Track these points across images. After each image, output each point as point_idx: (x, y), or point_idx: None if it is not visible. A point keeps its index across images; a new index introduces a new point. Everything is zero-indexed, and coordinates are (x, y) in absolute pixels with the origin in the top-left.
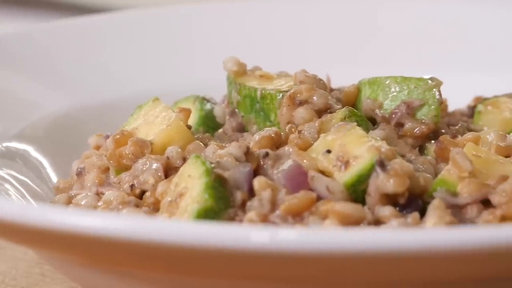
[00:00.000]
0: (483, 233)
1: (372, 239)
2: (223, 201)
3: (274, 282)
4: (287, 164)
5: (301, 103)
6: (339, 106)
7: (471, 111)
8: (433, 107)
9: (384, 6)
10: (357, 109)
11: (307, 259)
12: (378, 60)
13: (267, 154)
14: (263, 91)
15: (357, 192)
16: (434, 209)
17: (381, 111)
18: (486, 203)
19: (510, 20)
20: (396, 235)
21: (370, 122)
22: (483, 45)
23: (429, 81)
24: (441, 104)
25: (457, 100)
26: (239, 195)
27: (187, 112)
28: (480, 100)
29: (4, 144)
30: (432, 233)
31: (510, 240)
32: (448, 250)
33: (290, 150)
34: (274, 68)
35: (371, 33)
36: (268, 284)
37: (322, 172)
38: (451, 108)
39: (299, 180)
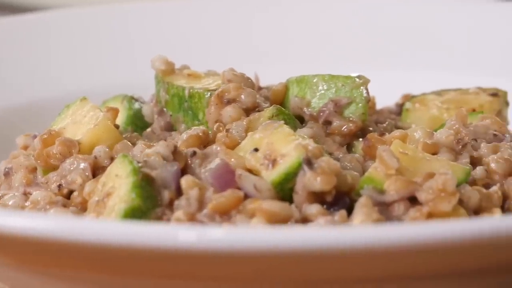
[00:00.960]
0: (409, 230)
1: (298, 238)
2: (151, 200)
3: (203, 281)
4: (214, 163)
5: (229, 102)
6: (267, 105)
7: (399, 109)
8: (360, 105)
9: (311, 4)
10: (285, 107)
11: (234, 258)
12: (306, 58)
13: (194, 153)
14: (191, 90)
15: (284, 190)
16: (361, 206)
17: (309, 109)
18: (413, 200)
19: (437, 17)
20: (323, 233)
21: (298, 120)
22: (411, 43)
23: (357, 79)
24: (369, 102)
25: (385, 97)
26: (166, 194)
27: (115, 111)
28: (408, 97)
29: None
30: (359, 231)
31: (436, 237)
32: (375, 248)
33: (218, 148)
34: (202, 67)
35: (299, 31)
36: (197, 283)
37: (250, 171)
38: (379, 105)
39: (226, 178)
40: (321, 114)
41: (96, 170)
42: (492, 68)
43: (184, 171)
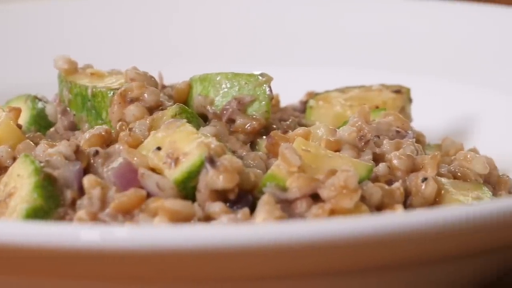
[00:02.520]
0: (312, 227)
1: (201, 236)
2: (53, 200)
3: (106, 280)
4: (117, 162)
5: (132, 101)
6: (170, 103)
7: (303, 106)
8: (263, 102)
9: (214, 2)
10: (189, 106)
11: (138, 257)
12: (210, 57)
13: (97, 152)
14: (94, 89)
15: (187, 189)
16: (264, 204)
17: (213, 108)
18: (315, 198)
19: (340, 14)
20: (225, 231)
21: (201, 118)
22: (314, 40)
23: (260, 77)
24: (272, 99)
25: (289, 95)
26: (69, 194)
27: (17, 111)
28: (311, 95)
29: None
30: (261, 228)
31: (338, 233)
32: (277, 245)
33: (121, 148)
34: (106, 66)
35: (203, 30)
36: (101, 283)
37: (153, 170)
38: (283, 103)
39: (129, 177)
40: (225, 112)
41: None
42: (396, 65)
43: (86, 170)
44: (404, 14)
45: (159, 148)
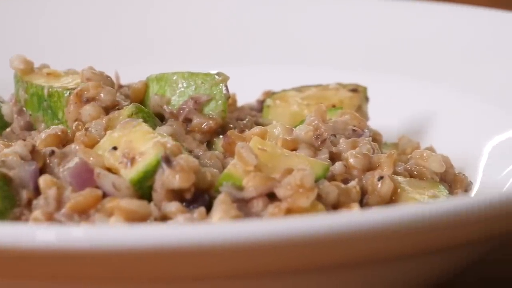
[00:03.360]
0: (268, 227)
1: (157, 235)
2: (9, 201)
3: (63, 281)
4: (73, 162)
5: (88, 100)
6: (127, 103)
7: (260, 105)
8: (220, 102)
9: (170, 1)
10: (145, 105)
11: (94, 257)
12: (167, 56)
13: (53, 152)
14: (50, 89)
15: (143, 188)
16: (220, 203)
17: (169, 107)
18: (271, 197)
19: (296, 13)
20: (181, 231)
21: (158, 118)
22: (271, 39)
23: (216, 76)
24: (229, 99)
25: (246, 94)
26: (24, 194)
27: None
28: (269, 94)
29: None
30: (217, 228)
31: (294, 232)
32: (233, 244)
33: (77, 147)
34: (62, 66)
35: (159, 29)
36: (56, 283)
37: (109, 169)
38: (240, 102)
39: (85, 177)
40: (181, 111)
41: None
42: (353, 63)
43: (42, 170)
44: (359, 13)
45: (115, 148)
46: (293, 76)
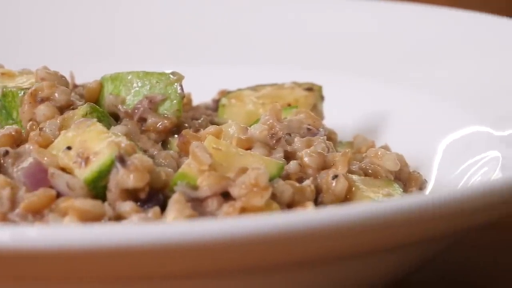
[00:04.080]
0: (222, 226)
1: (111, 235)
2: None
3: (17, 280)
4: (27, 162)
5: (43, 100)
6: (81, 103)
7: (216, 105)
8: (175, 101)
9: (126, 1)
10: (100, 105)
11: (48, 257)
12: (122, 56)
13: (7, 152)
14: (4, 89)
15: (97, 188)
16: (174, 203)
17: (124, 107)
18: (226, 196)
19: (251, 12)
20: (136, 230)
21: (113, 117)
22: (226, 39)
23: (171, 76)
24: (184, 98)
25: (202, 93)
26: None
27: None
28: (224, 93)
29: None
30: (171, 227)
31: (249, 231)
32: (187, 243)
33: (31, 147)
34: (17, 65)
35: (114, 28)
36: (11, 283)
37: (63, 169)
38: (196, 101)
39: (39, 177)
40: (136, 111)
41: None
42: (308, 63)
43: None
44: (315, 13)
45: (69, 148)
46: (249, 75)
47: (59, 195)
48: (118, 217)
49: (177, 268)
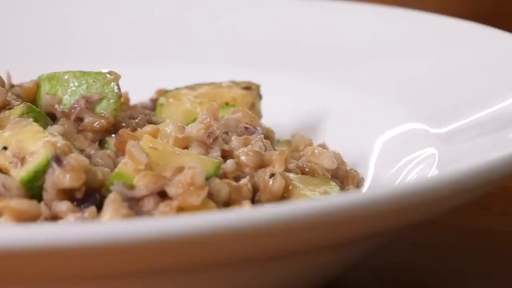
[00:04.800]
0: (158, 225)
1: (47, 235)
2: None
3: None
4: None
5: None
6: (18, 103)
7: (153, 104)
8: (112, 100)
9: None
10: (37, 105)
11: None
12: (59, 55)
13: None
14: None
15: (34, 188)
16: (111, 202)
17: (61, 106)
18: (163, 195)
19: (188, 12)
20: (72, 230)
21: (50, 117)
22: (164, 37)
23: (108, 75)
24: (121, 97)
25: (140, 93)
26: None
27: None
28: (162, 92)
29: None
30: (107, 227)
31: (185, 230)
32: (123, 243)
33: None
34: None
35: (52, 28)
36: None
37: (0, 169)
38: (134, 101)
39: None
40: (73, 110)
41: None
42: (246, 61)
43: None
44: (251, 11)
45: (5, 148)
46: (187, 74)
47: None
48: (55, 217)
49: (113, 268)
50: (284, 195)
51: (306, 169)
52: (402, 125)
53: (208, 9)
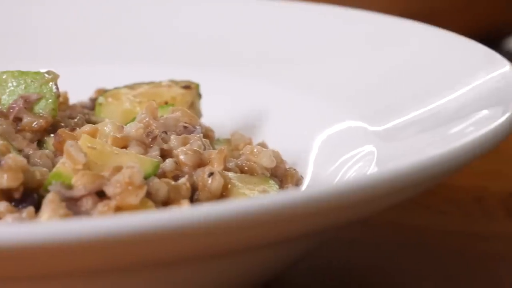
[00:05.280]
0: (96, 225)
1: None
2: None
3: None
4: None
5: None
6: None
7: (93, 103)
8: (50, 100)
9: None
10: None
11: None
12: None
13: None
14: None
15: None
16: (49, 202)
17: None
18: (102, 195)
19: (127, 12)
20: (9, 230)
21: None
22: (103, 37)
23: (46, 75)
24: (59, 97)
25: (79, 92)
26: None
27: None
28: (101, 92)
29: None
30: (45, 227)
31: (123, 230)
32: (61, 243)
33: None
34: None
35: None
36: None
37: None
38: (73, 100)
39: None
40: (11, 110)
41: None
42: (185, 60)
43: None
44: (190, 10)
45: None
46: (126, 74)
47: None
48: None
49: (52, 268)
50: (223, 194)
51: (245, 168)
52: (341, 123)
53: (146, 8)
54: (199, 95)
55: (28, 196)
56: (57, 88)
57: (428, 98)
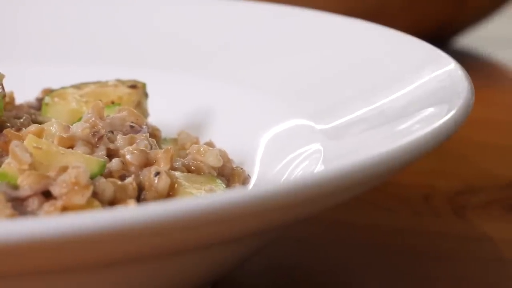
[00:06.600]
0: (42, 225)
1: None
2: None
3: None
4: None
5: None
6: None
7: (39, 103)
8: None
9: None
10: None
11: None
12: None
13: None
14: None
15: None
16: None
17: None
18: (48, 195)
19: (77, 11)
20: None
21: None
22: (51, 37)
23: None
24: (5, 97)
25: (26, 92)
26: None
27: None
28: (47, 91)
29: None
30: None
31: (69, 229)
32: (6, 244)
33: None
34: None
35: None
36: None
37: None
38: (19, 100)
39: None
40: None
41: None
42: (132, 60)
43: None
44: (137, 9)
45: None
46: (73, 74)
47: None
48: None
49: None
50: (169, 193)
51: (192, 167)
52: (287, 121)
53: (92, 8)
54: (145, 95)
55: None
56: (3, 88)
57: (374, 96)
